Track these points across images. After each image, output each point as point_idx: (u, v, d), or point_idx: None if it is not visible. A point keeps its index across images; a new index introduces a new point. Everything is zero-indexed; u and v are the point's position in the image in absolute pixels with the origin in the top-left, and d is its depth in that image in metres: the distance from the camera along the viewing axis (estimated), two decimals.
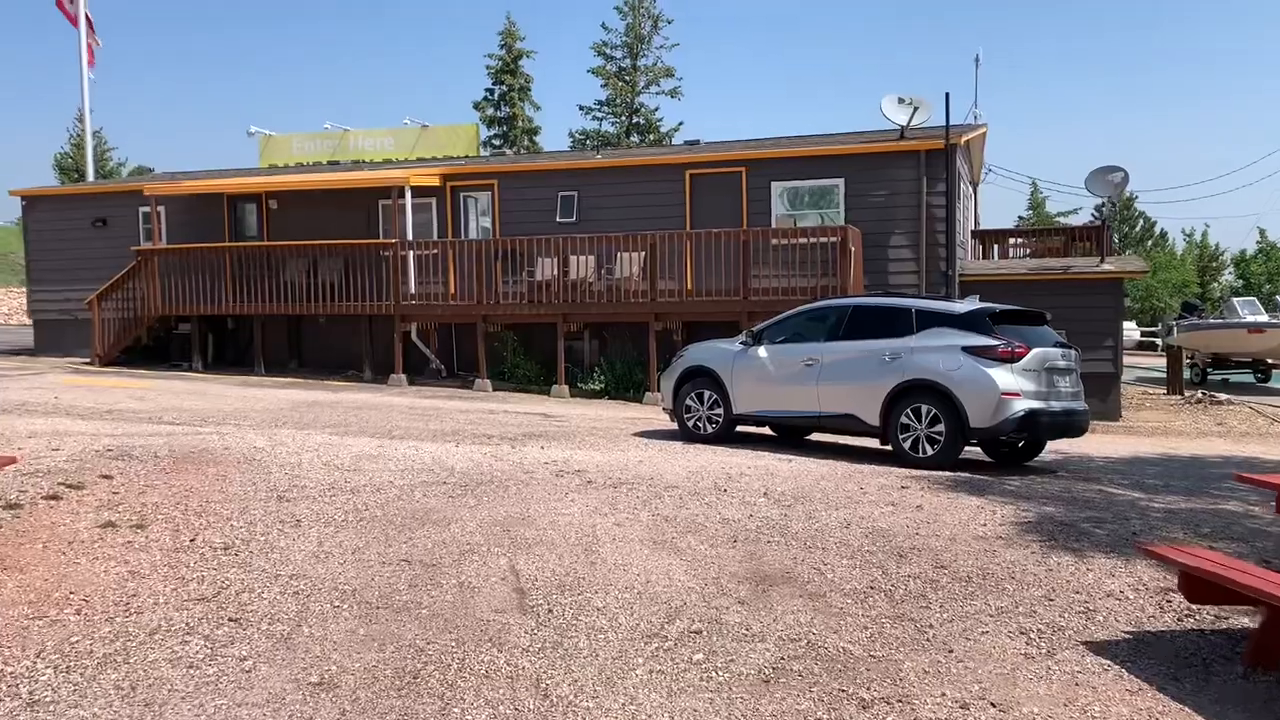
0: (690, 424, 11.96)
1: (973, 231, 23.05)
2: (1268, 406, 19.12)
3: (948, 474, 9.63)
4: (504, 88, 45.84)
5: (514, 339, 18.59)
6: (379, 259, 18.52)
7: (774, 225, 17.93)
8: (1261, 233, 52.62)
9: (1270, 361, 24.32)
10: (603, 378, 17.72)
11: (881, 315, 11.06)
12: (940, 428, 10.13)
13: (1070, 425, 10.48)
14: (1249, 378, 25.18)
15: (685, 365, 12.26)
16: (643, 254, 17.12)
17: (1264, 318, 23.84)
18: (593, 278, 17.63)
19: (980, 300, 11.18)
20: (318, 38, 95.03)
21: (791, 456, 10.56)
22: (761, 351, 11.63)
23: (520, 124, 45.48)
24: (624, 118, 45.57)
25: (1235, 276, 52.00)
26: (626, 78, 45.45)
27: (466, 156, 23.78)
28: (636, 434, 12.26)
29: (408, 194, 19.12)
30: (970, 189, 22.19)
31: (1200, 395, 19.73)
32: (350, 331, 19.84)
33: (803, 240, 16.35)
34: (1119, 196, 18.84)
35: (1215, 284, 53.10)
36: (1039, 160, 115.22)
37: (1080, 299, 17.09)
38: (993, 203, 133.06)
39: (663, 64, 45.45)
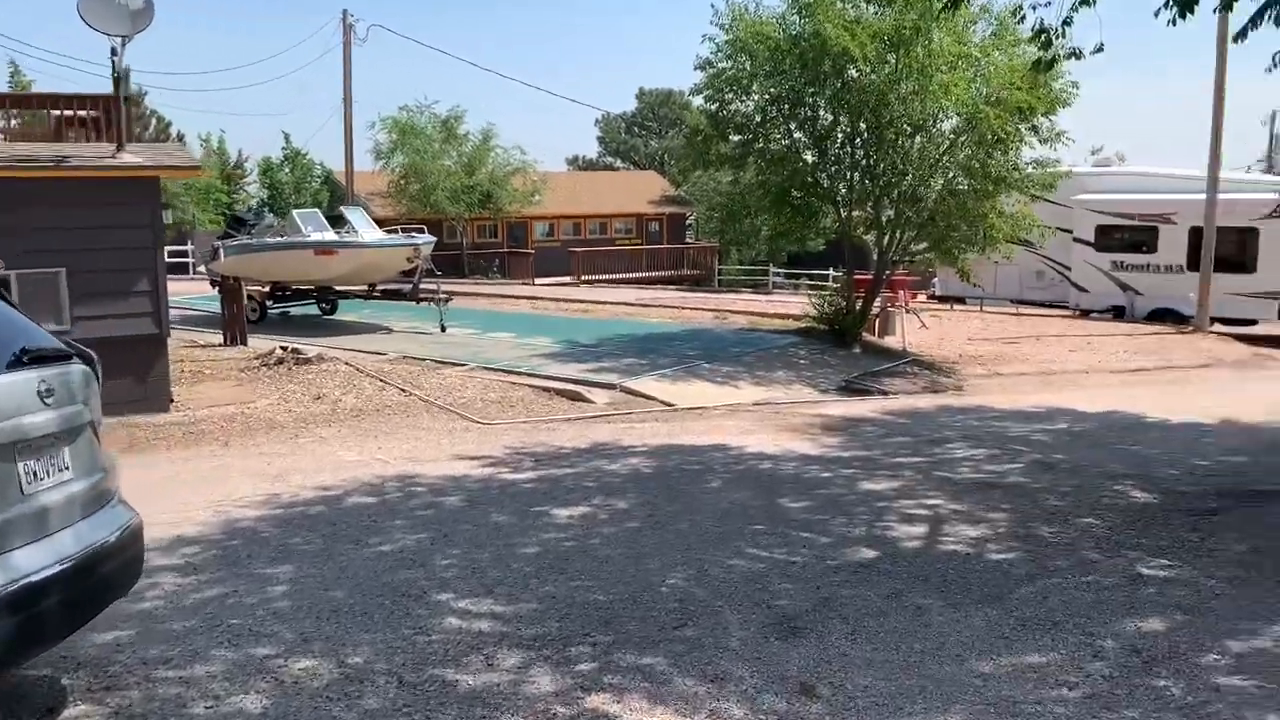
0: None
1: None
2: (360, 357, 13.89)
3: None
4: None
5: None
6: None
7: None
8: (286, 137, 47.92)
9: (340, 289, 19.97)
10: None
11: None
12: None
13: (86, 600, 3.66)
14: (314, 309, 20.66)
15: None
16: None
17: (332, 235, 18.87)
18: None
19: None
20: None
21: None
22: None
23: None
24: None
25: (262, 186, 44.24)
26: None
27: None
28: None
29: None
30: None
31: (281, 353, 13.72)
32: None
33: None
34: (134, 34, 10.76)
35: (243, 193, 45.77)
36: None
37: (89, 213, 10.60)
38: None
39: None
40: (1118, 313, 23.09)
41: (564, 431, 10.16)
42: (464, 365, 13.71)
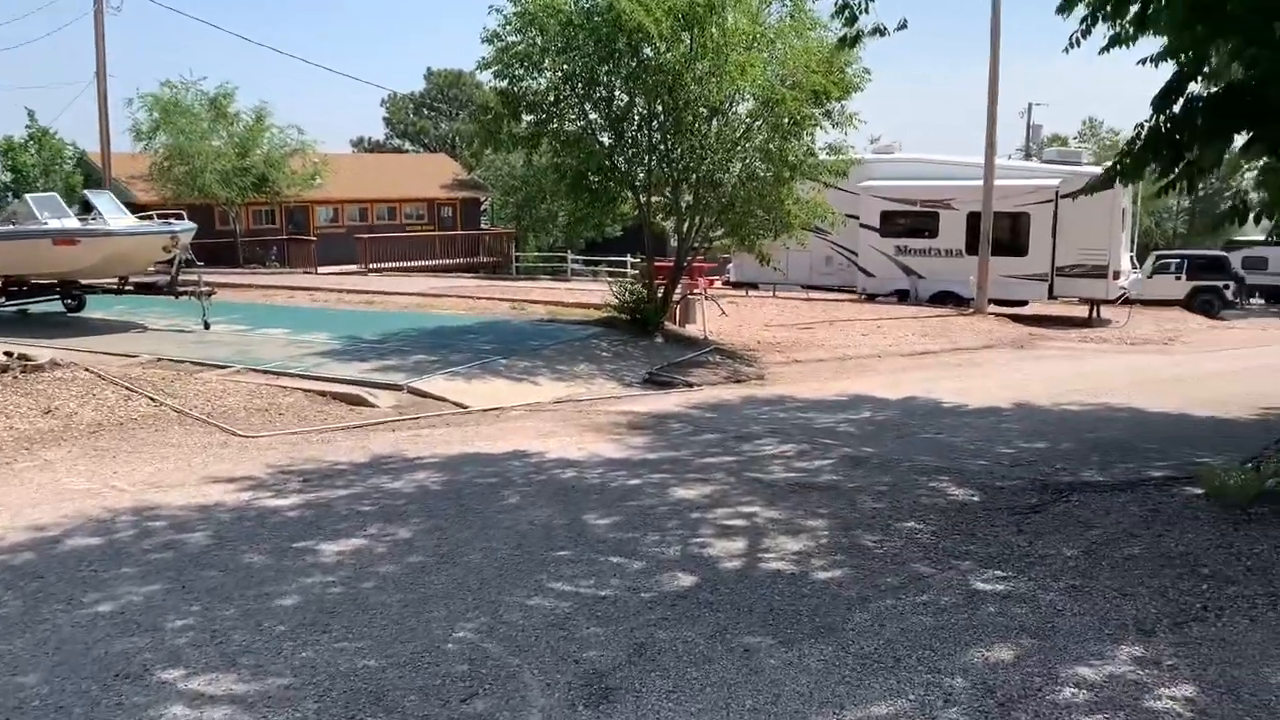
0: None
1: None
2: (107, 361, 12.51)
3: None
4: None
5: None
6: None
7: None
8: (31, 115, 39.74)
9: (87, 283, 17.98)
10: None
11: None
12: None
13: None
14: (57, 306, 18.58)
15: None
16: None
17: (74, 223, 17.03)
18: None
19: None
20: None
21: None
22: None
23: None
24: None
25: (5, 169, 40.03)
26: None
27: None
28: None
29: None
30: None
31: (5, 359, 11.98)
32: None
33: None
34: None
35: None
36: None
37: None
38: None
39: None
40: (902, 296, 23.80)
41: (340, 443, 9.03)
42: (227, 367, 12.21)
